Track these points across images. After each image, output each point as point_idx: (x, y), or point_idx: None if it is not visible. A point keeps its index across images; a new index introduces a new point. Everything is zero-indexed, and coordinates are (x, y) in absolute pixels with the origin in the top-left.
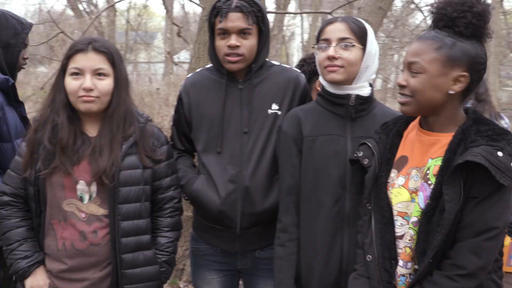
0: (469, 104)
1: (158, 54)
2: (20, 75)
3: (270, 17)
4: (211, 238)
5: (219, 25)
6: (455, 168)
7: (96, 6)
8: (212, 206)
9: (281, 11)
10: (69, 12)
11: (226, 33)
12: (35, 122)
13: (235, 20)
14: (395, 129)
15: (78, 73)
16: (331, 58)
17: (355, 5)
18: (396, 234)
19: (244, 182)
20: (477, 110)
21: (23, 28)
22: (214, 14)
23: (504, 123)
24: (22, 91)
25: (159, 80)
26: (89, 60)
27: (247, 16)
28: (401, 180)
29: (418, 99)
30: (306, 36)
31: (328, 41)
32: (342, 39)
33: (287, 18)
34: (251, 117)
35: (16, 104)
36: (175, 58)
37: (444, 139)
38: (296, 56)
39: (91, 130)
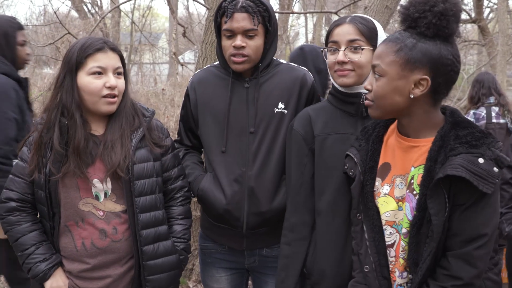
0: (492, 99)
1: (163, 55)
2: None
3: None
4: (218, 236)
5: (224, 26)
6: (437, 181)
7: (100, 7)
8: (219, 205)
9: (286, 11)
10: (74, 13)
11: (231, 33)
12: (39, 125)
13: (241, 20)
14: (374, 134)
15: (100, 72)
16: (340, 62)
17: (361, 5)
18: (387, 243)
19: (250, 182)
20: (455, 110)
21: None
22: (220, 14)
23: None
24: (33, 92)
25: (164, 81)
26: (110, 59)
27: (253, 16)
28: (386, 188)
29: (378, 103)
30: (310, 36)
31: (337, 44)
32: (351, 41)
33: (291, 18)
34: (257, 116)
35: None
36: (180, 59)
37: (424, 145)
38: None
39: (97, 129)
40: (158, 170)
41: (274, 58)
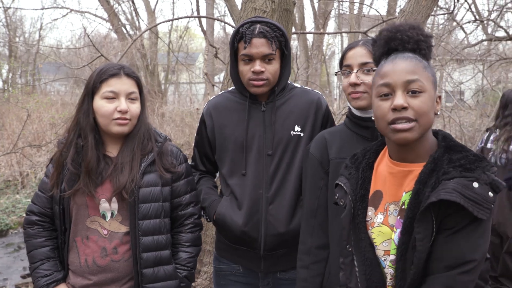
0: None
1: (199, 75)
2: (67, 98)
3: (310, 37)
4: (235, 258)
5: (243, 51)
6: (428, 205)
7: (139, 28)
8: (236, 228)
9: (318, 31)
10: (114, 35)
11: (250, 58)
12: (60, 144)
13: (259, 46)
14: (364, 161)
15: (113, 97)
16: (353, 84)
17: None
18: (386, 274)
19: (267, 204)
20: (448, 135)
21: None
22: (237, 39)
23: None
24: (66, 112)
25: (200, 101)
26: (123, 84)
27: (271, 41)
28: (380, 217)
29: (422, 122)
30: None
31: (350, 67)
32: (364, 64)
33: (326, 37)
34: (275, 139)
35: None
36: (216, 79)
37: (417, 170)
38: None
39: (112, 151)
40: (166, 196)
41: (289, 82)
